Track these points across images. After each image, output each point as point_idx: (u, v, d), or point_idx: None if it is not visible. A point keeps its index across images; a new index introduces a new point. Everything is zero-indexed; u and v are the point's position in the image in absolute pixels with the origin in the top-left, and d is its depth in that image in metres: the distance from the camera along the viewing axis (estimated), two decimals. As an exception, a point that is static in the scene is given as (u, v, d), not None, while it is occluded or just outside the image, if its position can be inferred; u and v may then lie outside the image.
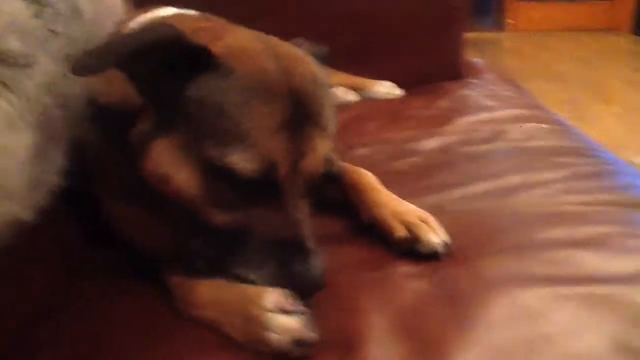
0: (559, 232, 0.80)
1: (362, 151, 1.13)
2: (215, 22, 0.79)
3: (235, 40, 0.69)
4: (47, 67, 0.60)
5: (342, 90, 1.49)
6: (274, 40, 0.72)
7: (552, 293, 0.67)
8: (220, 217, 0.65)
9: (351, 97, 1.49)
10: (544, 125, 1.23)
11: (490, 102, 1.38)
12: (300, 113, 0.65)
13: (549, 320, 0.63)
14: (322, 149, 0.67)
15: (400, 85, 1.52)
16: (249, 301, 0.62)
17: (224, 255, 0.64)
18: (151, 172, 0.65)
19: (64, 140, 0.61)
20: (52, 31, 0.65)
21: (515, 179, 0.96)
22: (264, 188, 0.64)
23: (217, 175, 0.62)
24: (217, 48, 0.65)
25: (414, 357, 0.59)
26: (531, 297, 0.67)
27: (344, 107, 1.39)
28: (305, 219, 0.66)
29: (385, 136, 1.20)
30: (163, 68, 0.63)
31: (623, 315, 0.64)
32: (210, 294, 0.65)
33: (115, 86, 0.70)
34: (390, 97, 1.49)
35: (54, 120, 0.59)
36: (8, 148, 0.51)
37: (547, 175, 0.98)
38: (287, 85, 0.65)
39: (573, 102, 3.17)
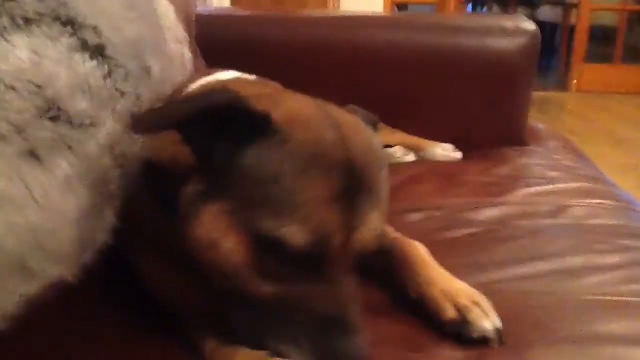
0: (622, 326, 0.75)
1: (414, 216, 1.10)
2: (273, 88, 0.79)
3: (294, 107, 0.68)
4: (111, 128, 0.61)
5: (400, 149, 1.49)
6: (331, 107, 0.71)
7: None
8: (265, 289, 0.63)
9: (409, 157, 1.48)
10: (608, 202, 1.18)
11: (552, 173, 1.33)
12: (355, 184, 0.63)
13: None
14: (375, 223, 0.64)
15: (458, 148, 1.49)
16: None
17: (264, 327, 0.63)
18: (199, 237, 0.64)
19: (117, 199, 0.61)
20: (121, 91, 0.66)
21: (576, 261, 0.92)
22: (314, 261, 0.62)
23: (267, 246, 0.61)
24: (276, 114, 0.64)
25: None
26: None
27: (400, 167, 1.38)
28: (351, 295, 0.64)
29: (439, 202, 1.17)
30: (221, 132, 0.63)
31: None
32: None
33: (168, 145, 0.70)
34: (448, 159, 1.48)
35: (111, 179, 0.59)
36: (63, 210, 0.52)
37: (610, 259, 0.92)
38: (344, 155, 0.64)
39: (638, 168, 3.06)
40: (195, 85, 0.83)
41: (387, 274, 0.84)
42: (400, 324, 0.76)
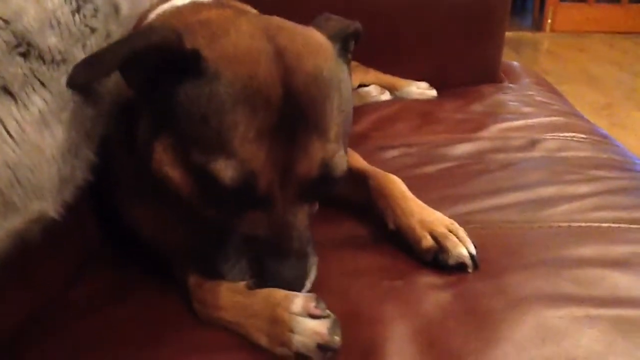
0: (591, 250, 0.78)
1: (391, 153, 1.11)
2: (228, 11, 0.77)
3: (235, 39, 0.65)
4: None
5: (375, 88, 1.48)
6: (285, 32, 0.68)
7: (580, 314, 0.65)
8: (212, 214, 0.65)
9: (384, 96, 1.48)
10: (581, 135, 1.20)
11: (526, 109, 1.35)
12: (294, 117, 0.62)
13: (575, 342, 0.62)
14: (317, 154, 0.64)
15: (433, 86, 1.49)
16: (277, 304, 0.62)
17: (211, 251, 0.65)
18: (155, 171, 0.66)
19: (95, 137, 0.61)
20: (90, 27, 0.64)
21: (548, 191, 0.94)
22: (251, 194, 0.63)
23: (205, 179, 0.62)
24: (209, 51, 0.63)
25: (436, 373, 0.58)
26: (558, 316, 0.65)
27: (375, 106, 1.38)
28: (297, 222, 0.66)
29: (415, 139, 1.18)
30: (157, 71, 0.63)
31: (653, 341, 0.62)
32: (233, 296, 0.65)
33: None
34: (423, 97, 1.48)
35: (86, 117, 0.59)
36: (40, 146, 0.52)
37: (582, 188, 0.95)
38: (283, 88, 0.62)
39: (611, 107, 3.10)
40: (153, 15, 0.82)
41: (366, 208, 0.86)
42: (380, 254, 0.78)
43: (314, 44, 0.69)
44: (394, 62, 1.51)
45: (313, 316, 0.60)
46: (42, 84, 0.54)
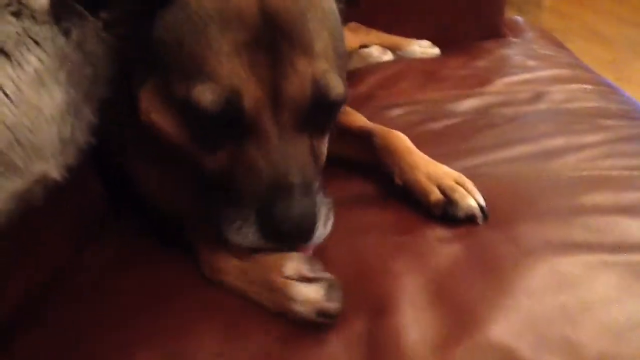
0: (602, 198, 0.77)
1: (395, 112, 1.09)
2: None
3: None
4: (77, 23, 0.59)
5: (377, 49, 1.45)
6: None
7: (593, 260, 0.65)
8: (210, 160, 0.62)
9: (386, 56, 1.44)
10: (587, 86, 1.18)
11: (531, 62, 1.32)
12: (273, 32, 0.59)
13: (589, 288, 0.62)
14: (306, 70, 0.60)
15: (437, 44, 1.46)
16: (271, 269, 0.60)
17: (215, 211, 0.62)
18: (147, 122, 0.64)
19: (94, 98, 0.60)
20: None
21: (556, 142, 0.93)
22: (239, 120, 0.59)
23: (191, 114, 0.59)
24: None
25: (448, 322, 0.58)
26: (571, 264, 0.65)
27: (378, 66, 1.35)
28: (297, 154, 0.61)
29: (420, 97, 1.16)
30: (136, 12, 0.62)
31: (668, 284, 0.61)
32: (234, 261, 0.64)
33: None
34: (426, 56, 1.44)
35: (84, 78, 0.58)
36: (38, 105, 0.51)
37: (591, 138, 0.94)
38: (257, 5, 0.60)
39: (616, 62, 3.05)
40: None
41: (372, 167, 0.84)
42: (389, 211, 0.77)
43: None
44: (395, 21, 1.47)
45: (308, 279, 0.59)
46: (37, 43, 0.53)
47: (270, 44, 0.59)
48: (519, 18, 1.71)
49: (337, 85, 0.63)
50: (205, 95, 0.57)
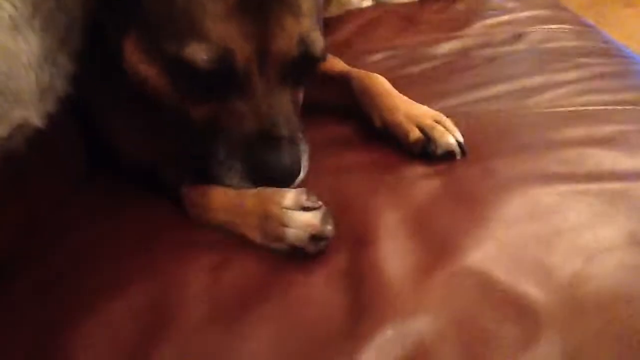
0: (577, 131, 0.79)
1: (375, 57, 1.11)
2: None
3: None
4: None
5: (355, -5, 1.44)
6: None
7: (567, 190, 0.67)
8: (196, 112, 0.65)
9: (365, 2, 1.44)
10: (566, 26, 1.20)
11: (510, 4, 1.33)
12: None
13: (563, 216, 0.63)
14: (293, 28, 0.63)
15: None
16: (268, 200, 0.62)
17: (202, 156, 0.65)
18: (130, 72, 0.65)
19: (71, 46, 0.60)
20: None
21: (535, 80, 0.95)
22: (230, 77, 0.62)
23: (179, 70, 0.61)
24: None
25: (427, 252, 0.59)
26: (546, 194, 0.66)
27: (357, 13, 1.36)
28: (283, 107, 0.65)
29: (399, 42, 1.17)
30: None
31: (638, 210, 0.63)
32: (225, 197, 0.65)
33: None
34: (405, 1, 1.43)
35: (59, 24, 0.58)
36: (14, 51, 0.51)
37: (569, 75, 0.96)
38: None
39: (596, 5, 3.04)
40: None
41: (351, 111, 0.85)
42: (369, 151, 0.78)
43: None
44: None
45: (305, 209, 0.61)
46: (10, -11, 0.52)
47: (259, 4, 0.61)
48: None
49: (321, 41, 0.66)
50: (200, 54, 0.59)
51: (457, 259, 0.58)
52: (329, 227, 0.60)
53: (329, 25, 1.29)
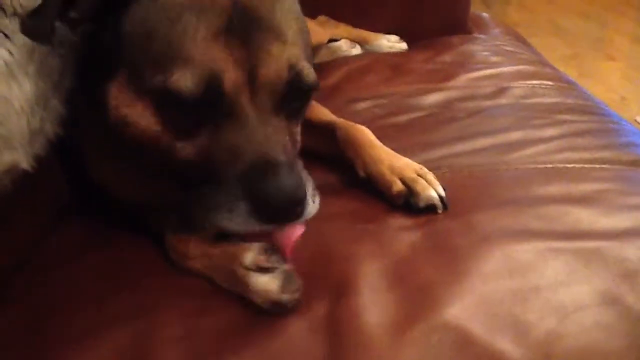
0: (556, 189, 0.81)
1: (361, 105, 1.12)
2: None
3: None
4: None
5: (346, 43, 1.47)
6: None
7: (545, 247, 0.68)
8: (184, 150, 0.61)
9: (355, 50, 1.47)
10: (547, 82, 1.22)
11: (494, 58, 1.36)
12: (246, 18, 0.61)
13: (539, 273, 0.65)
14: (280, 54, 0.61)
15: (403, 39, 1.49)
16: (233, 258, 0.63)
17: (202, 199, 0.60)
18: (115, 118, 0.63)
19: (62, 89, 0.61)
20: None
21: (516, 135, 0.97)
22: (218, 103, 0.59)
23: (167, 103, 0.59)
24: None
25: (407, 304, 0.60)
26: (524, 250, 0.68)
27: (346, 60, 1.38)
28: (277, 135, 0.61)
29: (385, 90, 1.19)
30: (100, 10, 0.62)
31: (613, 269, 0.65)
32: (201, 247, 0.66)
33: None
34: (394, 50, 1.47)
35: (52, 69, 0.59)
36: (8, 97, 0.52)
37: (549, 132, 0.98)
38: None
39: (578, 57, 3.13)
40: None
41: (335, 160, 0.86)
42: (352, 200, 0.80)
43: None
44: (363, 15, 1.50)
45: (264, 269, 0.60)
46: (6, 35, 0.54)
47: (244, 30, 0.60)
48: (485, 14, 1.75)
49: (312, 73, 0.64)
50: (185, 80, 0.57)
51: (435, 313, 0.59)
52: (289, 295, 0.59)
53: (318, 72, 1.30)
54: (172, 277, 0.66)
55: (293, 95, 0.63)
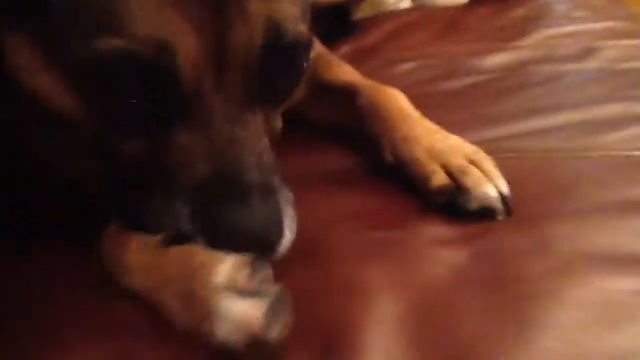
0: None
1: (404, 67, 1.01)
2: None
3: None
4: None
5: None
6: None
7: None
8: (127, 148, 0.48)
9: (403, 3, 1.38)
10: (646, 43, 1.08)
11: (578, 13, 1.26)
12: None
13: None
14: (259, 11, 0.47)
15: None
16: (194, 272, 0.44)
17: (139, 205, 0.48)
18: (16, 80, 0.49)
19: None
20: None
21: (606, 111, 0.80)
22: (169, 91, 0.46)
23: (95, 81, 0.45)
24: None
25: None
26: (618, 289, 0.48)
27: (391, 15, 1.30)
28: (251, 138, 0.49)
29: (437, 50, 1.08)
30: None
31: None
32: (142, 255, 0.48)
33: None
34: (451, 4, 1.36)
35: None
36: None
37: (649, 109, 0.82)
38: None
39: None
40: None
41: (355, 134, 0.71)
42: (369, 195, 0.63)
43: None
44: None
45: (245, 292, 0.42)
46: None
47: None
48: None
49: (298, 27, 0.50)
50: (119, 51, 0.43)
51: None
52: (276, 330, 0.40)
53: (357, 29, 1.24)
54: (89, 308, 0.48)
55: (272, 67, 0.49)
